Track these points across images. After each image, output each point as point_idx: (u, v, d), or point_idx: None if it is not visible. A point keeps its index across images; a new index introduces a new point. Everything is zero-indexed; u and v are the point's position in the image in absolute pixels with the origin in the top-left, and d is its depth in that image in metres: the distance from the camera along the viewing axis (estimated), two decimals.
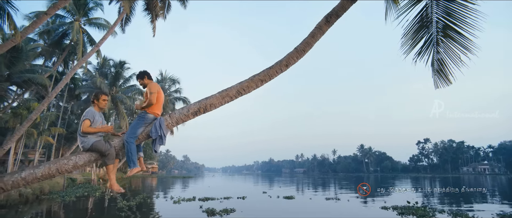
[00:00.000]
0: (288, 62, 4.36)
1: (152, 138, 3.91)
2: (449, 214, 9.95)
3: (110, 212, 12.24)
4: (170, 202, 14.93)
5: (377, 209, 11.72)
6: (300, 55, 4.40)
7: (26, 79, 18.98)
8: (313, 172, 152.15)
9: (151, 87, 4.06)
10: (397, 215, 10.08)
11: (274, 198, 16.69)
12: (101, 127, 3.88)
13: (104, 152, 3.72)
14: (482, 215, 9.75)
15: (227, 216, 10.22)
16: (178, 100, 37.30)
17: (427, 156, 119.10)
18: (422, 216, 9.48)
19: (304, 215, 11.37)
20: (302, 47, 4.40)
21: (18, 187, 3.75)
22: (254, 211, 11.81)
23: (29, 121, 14.76)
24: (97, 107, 4.09)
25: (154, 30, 17.90)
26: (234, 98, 4.22)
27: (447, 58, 4.97)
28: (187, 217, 10.87)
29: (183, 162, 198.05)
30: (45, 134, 23.50)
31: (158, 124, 3.91)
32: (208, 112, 4.14)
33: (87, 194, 18.00)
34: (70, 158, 3.66)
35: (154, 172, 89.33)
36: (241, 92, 4.22)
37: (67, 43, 25.04)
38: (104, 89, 28.53)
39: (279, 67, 4.32)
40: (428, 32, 5.07)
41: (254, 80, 4.24)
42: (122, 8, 16.51)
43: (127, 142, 3.79)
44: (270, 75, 4.30)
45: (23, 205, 12.47)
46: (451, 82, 5.02)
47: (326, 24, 4.44)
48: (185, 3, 18.08)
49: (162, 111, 4.38)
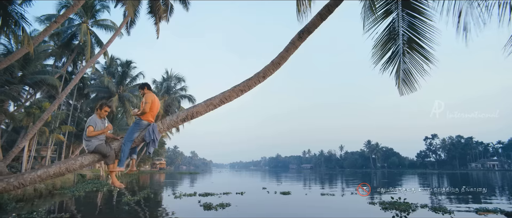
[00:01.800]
0: (265, 74, 4.94)
1: (146, 142, 4.58)
2: (430, 209, 10.46)
3: (117, 206, 13.08)
4: (172, 197, 15.73)
5: (364, 204, 12.29)
6: (276, 67, 4.97)
7: (38, 80, 19.95)
8: (320, 168, 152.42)
9: (147, 97, 4.72)
10: (381, 210, 10.66)
11: (272, 193, 17.32)
12: (101, 130, 4.57)
13: (105, 154, 4.40)
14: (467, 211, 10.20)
15: (222, 210, 10.93)
16: (184, 98, 38.13)
17: (435, 152, 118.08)
18: (403, 211, 10.05)
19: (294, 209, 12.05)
20: (277, 60, 4.97)
21: (34, 183, 4.47)
22: (248, 206, 12.47)
23: (41, 120, 15.68)
24: (99, 115, 4.78)
25: (157, 32, 18.60)
26: (218, 106, 4.83)
27: (412, 67, 5.49)
28: (185, 211, 11.58)
29: (191, 158, 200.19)
30: (56, 132, 24.61)
31: (151, 129, 4.56)
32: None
33: (96, 189, 18.95)
34: (77, 159, 4.36)
35: (162, 168, 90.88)
36: (223, 100, 4.83)
37: (76, 43, 25.99)
38: (112, 88, 29.53)
39: (257, 79, 4.92)
40: (395, 44, 5.58)
41: (235, 90, 4.84)
42: (127, 12, 17.20)
43: (123, 144, 4.46)
44: (249, 86, 4.89)
45: (38, 199, 13.41)
46: (416, 89, 5.54)
47: (299, 40, 5.00)
48: (187, 6, 18.72)
49: (155, 118, 5.04)
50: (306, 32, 4.99)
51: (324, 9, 4.90)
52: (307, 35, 5.01)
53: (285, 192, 17.55)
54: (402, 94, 5.58)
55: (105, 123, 4.81)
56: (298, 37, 5.00)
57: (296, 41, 5.00)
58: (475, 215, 9.72)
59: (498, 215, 9.65)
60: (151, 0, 17.57)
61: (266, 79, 4.99)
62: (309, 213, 11.11)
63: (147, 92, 4.86)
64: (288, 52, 4.99)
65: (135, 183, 28.42)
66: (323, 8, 4.91)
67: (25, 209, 10.35)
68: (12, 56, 10.60)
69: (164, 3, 17.99)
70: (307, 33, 4.99)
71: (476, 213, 9.91)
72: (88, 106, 34.08)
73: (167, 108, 37.32)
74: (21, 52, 10.50)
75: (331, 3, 4.87)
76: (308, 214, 10.88)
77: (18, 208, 10.39)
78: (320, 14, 4.92)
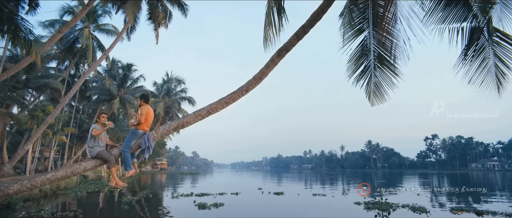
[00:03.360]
0: (248, 87, 5.54)
1: (142, 148, 5.20)
2: (410, 208, 11.01)
3: (118, 205, 13.72)
4: (170, 197, 16.39)
5: (350, 204, 12.85)
6: (257, 82, 5.57)
7: (42, 84, 20.64)
8: (321, 168, 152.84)
9: (142, 110, 5.34)
10: (364, 210, 11.24)
11: (266, 194, 17.91)
12: (101, 129, 5.24)
13: (106, 159, 5.04)
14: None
15: (216, 209, 11.54)
16: (184, 99, 38.75)
17: (435, 152, 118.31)
18: (385, 210, 10.63)
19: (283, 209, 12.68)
20: (258, 76, 5.57)
21: (44, 185, 5.11)
22: (241, 206, 13.06)
23: (45, 123, 16.36)
24: (100, 123, 5.45)
25: (157, 37, 19.26)
26: (205, 117, 5.45)
27: (382, 81, 6.08)
28: (181, 210, 12.20)
29: (192, 159, 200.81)
30: (59, 134, 25.26)
31: (146, 138, 5.19)
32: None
33: (98, 189, 19.60)
34: (81, 164, 5.00)
35: (163, 168, 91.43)
36: (210, 112, 5.44)
37: (78, 47, 26.67)
38: (113, 90, 30.18)
39: (241, 92, 5.52)
40: (367, 59, 6.17)
41: (220, 102, 5.45)
42: (127, 18, 17.86)
43: (123, 151, 5.10)
44: (233, 98, 5.49)
45: (43, 199, 14.05)
46: (386, 101, 6.13)
47: (278, 57, 5.59)
48: (185, 13, 19.35)
49: (157, 120, 5.67)
50: (284, 51, 5.58)
51: (300, 30, 5.49)
52: (285, 53, 5.61)
53: (278, 192, 18.14)
54: (373, 105, 6.17)
55: (105, 132, 5.47)
56: (277, 55, 5.60)
57: (275, 58, 5.60)
58: (450, 214, 10.29)
59: (470, 213, 10.21)
60: (150, 7, 18.21)
61: (248, 92, 5.59)
62: (296, 213, 11.74)
63: (143, 104, 5.48)
64: (268, 68, 5.59)
65: (136, 183, 29.07)
66: (299, 29, 5.50)
67: (32, 208, 11.01)
68: (19, 64, 11.28)
69: (163, 10, 18.64)
70: (285, 52, 5.59)
71: (451, 212, 10.48)
72: (90, 108, 34.78)
73: (168, 110, 37.94)
74: (28, 61, 11.19)
75: (306, 25, 5.46)
76: (294, 214, 11.50)
77: (26, 207, 11.05)
78: (297, 34, 5.51)
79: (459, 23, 4.82)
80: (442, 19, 4.96)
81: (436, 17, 5.02)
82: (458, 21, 4.82)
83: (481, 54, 4.69)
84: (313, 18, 5.39)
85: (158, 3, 18.31)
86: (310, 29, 5.51)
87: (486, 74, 4.71)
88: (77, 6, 24.70)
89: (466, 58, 4.79)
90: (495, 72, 4.60)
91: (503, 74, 4.55)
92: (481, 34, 4.62)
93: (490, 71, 4.65)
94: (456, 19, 4.84)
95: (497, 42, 4.52)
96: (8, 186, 4.59)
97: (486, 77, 4.71)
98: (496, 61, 4.56)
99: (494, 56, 4.56)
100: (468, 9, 4.67)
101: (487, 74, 4.71)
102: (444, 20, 4.94)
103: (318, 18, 5.42)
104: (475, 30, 4.67)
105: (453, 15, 4.85)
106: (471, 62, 4.81)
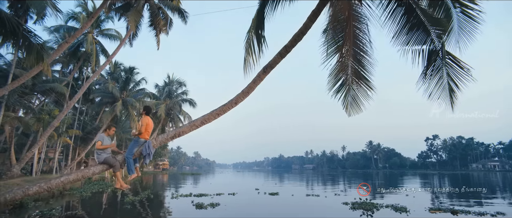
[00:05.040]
0: (237, 100, 6.26)
1: (143, 155, 5.93)
2: (392, 208, 11.66)
3: (120, 205, 14.49)
4: (169, 197, 17.19)
5: (339, 204, 13.52)
6: (245, 96, 6.28)
7: (47, 88, 21.46)
8: (322, 168, 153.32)
9: (142, 121, 6.05)
10: (350, 209, 11.92)
11: (262, 194, 18.61)
12: (106, 145, 5.93)
13: (111, 164, 5.77)
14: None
15: (212, 209, 12.29)
16: (185, 101, 39.51)
17: (436, 152, 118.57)
18: (369, 210, 11.30)
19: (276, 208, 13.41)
20: (246, 90, 6.28)
21: (59, 187, 5.85)
22: (236, 206, 13.76)
23: (52, 127, 17.16)
24: (107, 133, 6.18)
25: (158, 43, 20.01)
26: (199, 127, 6.16)
27: (358, 94, 6.78)
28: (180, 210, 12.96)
29: (194, 159, 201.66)
30: (64, 135, 26.10)
31: (147, 145, 5.91)
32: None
33: (102, 190, 20.38)
34: (90, 168, 5.75)
35: (165, 169, 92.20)
36: (204, 122, 6.16)
37: (82, 51, 27.49)
38: (116, 93, 30.98)
39: (230, 104, 6.23)
40: (345, 73, 6.86)
41: (212, 114, 6.17)
42: (129, 25, 18.62)
43: (127, 157, 5.83)
44: (224, 110, 6.21)
45: (51, 199, 14.85)
46: (362, 111, 6.83)
47: (263, 73, 6.30)
48: (185, 20, 20.10)
49: (150, 135, 6.38)
50: (269, 68, 6.29)
51: (283, 49, 6.20)
52: (270, 70, 6.32)
53: (273, 193, 18.85)
54: (350, 115, 6.86)
55: (111, 140, 6.18)
56: (263, 71, 6.31)
57: (261, 75, 6.31)
58: (427, 213, 10.94)
59: (447, 213, 10.85)
60: (152, 15, 18.96)
61: (237, 104, 6.30)
62: (286, 213, 12.48)
63: (144, 116, 6.19)
64: (255, 84, 6.30)
65: (138, 184, 29.83)
66: (282, 49, 6.21)
67: (42, 207, 11.79)
68: (30, 73, 12.07)
69: (164, 17, 19.40)
70: (270, 68, 6.30)
71: (429, 212, 11.13)
72: (93, 110, 35.62)
73: (169, 111, 38.73)
74: (37, 69, 11.96)
75: (288, 45, 6.17)
76: (284, 214, 12.22)
77: (37, 206, 11.84)
78: (280, 53, 6.23)
79: (420, 46, 5.52)
80: (406, 42, 5.65)
81: (401, 40, 5.72)
82: (419, 44, 5.52)
83: (438, 73, 5.38)
84: (294, 39, 6.10)
85: (159, 11, 19.07)
86: (292, 48, 6.21)
87: (442, 91, 5.40)
88: (80, 13, 25.54)
89: (425, 77, 5.49)
90: (448, 89, 5.29)
91: (453, 91, 5.24)
92: (437, 56, 5.31)
93: (445, 88, 5.34)
94: (417, 42, 5.54)
95: (449, 63, 5.20)
96: (29, 188, 5.32)
97: (442, 93, 5.40)
98: (449, 80, 5.24)
99: (447, 76, 5.25)
100: (427, 34, 5.36)
101: (442, 91, 5.39)
102: (408, 43, 5.64)
103: (299, 39, 6.13)
104: (433, 53, 5.36)
105: (415, 38, 5.55)
106: (430, 80, 5.50)
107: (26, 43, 8.06)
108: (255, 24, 6.12)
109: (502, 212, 11.36)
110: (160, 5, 19.32)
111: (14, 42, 8.04)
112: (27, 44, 8.06)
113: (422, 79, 5.58)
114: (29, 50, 8.06)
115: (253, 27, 6.17)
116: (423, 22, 5.31)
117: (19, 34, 7.69)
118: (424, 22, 5.31)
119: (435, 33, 5.25)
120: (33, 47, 8.10)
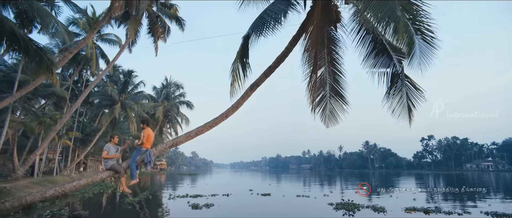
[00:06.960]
0: (227, 114, 7.11)
1: (145, 162, 6.77)
2: (371, 208, 12.56)
3: (120, 205, 15.29)
4: (166, 198, 18.04)
5: (324, 205, 14.40)
6: (235, 110, 7.13)
7: (49, 92, 22.21)
8: (320, 168, 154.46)
9: (144, 132, 6.88)
10: (333, 210, 12.81)
11: (255, 195, 19.47)
12: (112, 155, 6.75)
13: (117, 170, 6.60)
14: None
15: (207, 209, 13.17)
16: (182, 103, 40.32)
17: (431, 152, 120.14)
18: (351, 210, 12.19)
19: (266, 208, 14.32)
20: (235, 105, 7.14)
21: (71, 191, 6.67)
22: (229, 206, 14.58)
23: (54, 131, 17.93)
24: (112, 143, 7.00)
25: (156, 50, 20.84)
26: (194, 137, 7.01)
27: (335, 108, 7.65)
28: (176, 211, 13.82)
29: (191, 159, 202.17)
30: (64, 138, 26.82)
31: (148, 153, 6.76)
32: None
33: (102, 191, 21.12)
34: (98, 174, 6.61)
35: (162, 169, 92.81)
36: (198, 133, 7.01)
37: (82, 55, 28.20)
38: (115, 96, 31.74)
39: (221, 118, 7.08)
40: (324, 89, 7.73)
41: (206, 126, 7.02)
42: (129, 33, 19.41)
43: (131, 165, 6.67)
44: (216, 123, 7.06)
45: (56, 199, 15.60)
46: (338, 123, 7.70)
47: (251, 90, 7.16)
48: (183, 27, 20.92)
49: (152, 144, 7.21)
50: (256, 86, 7.16)
51: (268, 69, 7.06)
52: (256, 87, 7.18)
53: (265, 193, 19.72)
54: (328, 126, 7.73)
55: (116, 149, 7.01)
56: (250, 89, 7.17)
57: (249, 92, 7.17)
58: (403, 213, 11.83)
59: (421, 213, 11.75)
60: (150, 23, 19.76)
61: (228, 118, 7.16)
62: (274, 212, 13.36)
63: (146, 127, 7.03)
64: (243, 99, 7.16)
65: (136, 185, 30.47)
66: (267, 69, 7.08)
67: (49, 207, 12.57)
68: (36, 81, 12.84)
69: (162, 25, 20.21)
70: (256, 86, 7.16)
71: (405, 211, 12.02)
72: (92, 112, 36.31)
73: (167, 113, 39.54)
74: (43, 78, 12.74)
75: (272, 66, 7.03)
76: (272, 214, 13.08)
77: (45, 207, 12.59)
78: (265, 73, 7.09)
79: (384, 69, 6.40)
80: (373, 65, 6.53)
81: (370, 62, 6.60)
82: (384, 67, 6.40)
83: (399, 93, 6.26)
84: (277, 61, 6.96)
85: (158, 19, 19.88)
86: (276, 69, 7.07)
87: (402, 108, 6.28)
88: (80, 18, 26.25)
89: (389, 96, 6.37)
90: (407, 107, 6.17)
91: (410, 110, 6.12)
92: (398, 78, 6.18)
93: (405, 106, 6.22)
94: (382, 65, 6.42)
95: (408, 85, 6.08)
96: (46, 191, 6.16)
97: (402, 110, 6.28)
98: (407, 99, 6.12)
99: (406, 96, 6.13)
100: (390, 58, 6.24)
101: (402, 108, 6.28)
102: (375, 66, 6.52)
103: (281, 61, 6.99)
104: (395, 75, 6.25)
105: (380, 62, 6.42)
106: (392, 99, 6.38)
107: (37, 59, 8.86)
108: (239, 55, 6.98)
109: (495, 211, 12.17)
110: (158, 13, 20.14)
111: (27, 57, 8.82)
112: (38, 60, 8.85)
113: (386, 98, 6.46)
114: (40, 64, 8.86)
115: (238, 58, 7.02)
116: (387, 49, 6.18)
117: (31, 50, 8.51)
118: (388, 49, 6.18)
119: (396, 59, 6.12)
120: (43, 62, 8.91)
